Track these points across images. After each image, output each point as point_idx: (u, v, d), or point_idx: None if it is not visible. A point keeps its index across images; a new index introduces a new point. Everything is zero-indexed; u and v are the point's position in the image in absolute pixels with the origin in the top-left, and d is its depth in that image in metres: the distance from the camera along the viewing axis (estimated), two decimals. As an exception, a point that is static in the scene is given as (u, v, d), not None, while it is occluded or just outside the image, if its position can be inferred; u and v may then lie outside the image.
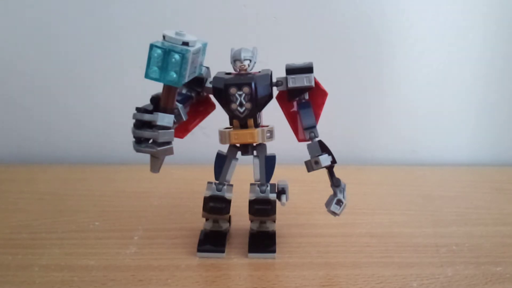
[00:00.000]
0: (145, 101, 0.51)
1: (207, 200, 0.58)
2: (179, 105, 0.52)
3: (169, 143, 0.51)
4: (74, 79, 0.92)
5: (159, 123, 0.50)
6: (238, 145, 0.58)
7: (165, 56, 0.47)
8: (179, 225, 0.67)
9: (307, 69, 0.55)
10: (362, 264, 0.57)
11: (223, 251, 0.59)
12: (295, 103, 0.57)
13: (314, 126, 0.56)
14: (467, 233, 0.65)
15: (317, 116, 0.56)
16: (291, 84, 0.55)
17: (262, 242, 0.60)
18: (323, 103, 0.56)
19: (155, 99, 0.51)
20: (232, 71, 0.56)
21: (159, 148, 0.51)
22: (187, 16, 0.87)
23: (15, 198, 0.76)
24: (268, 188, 0.58)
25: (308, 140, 0.56)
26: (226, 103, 0.54)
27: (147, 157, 0.52)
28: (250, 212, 0.59)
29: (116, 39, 0.89)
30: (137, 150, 0.51)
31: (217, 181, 0.58)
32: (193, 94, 0.56)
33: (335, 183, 0.56)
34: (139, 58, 0.57)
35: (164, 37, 0.48)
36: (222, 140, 0.57)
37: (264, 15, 0.87)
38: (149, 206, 0.73)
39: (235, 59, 0.55)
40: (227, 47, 0.56)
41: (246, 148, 0.58)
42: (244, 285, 0.53)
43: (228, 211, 0.59)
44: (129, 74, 0.89)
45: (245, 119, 0.55)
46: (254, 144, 0.57)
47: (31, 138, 0.97)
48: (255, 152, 0.58)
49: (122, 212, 0.71)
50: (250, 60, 0.55)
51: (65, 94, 0.93)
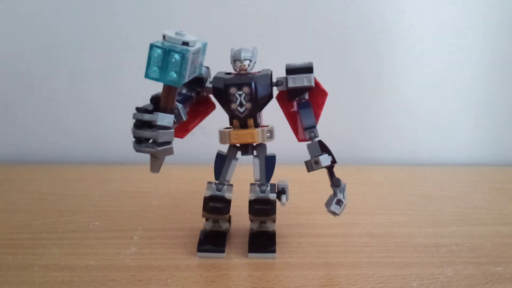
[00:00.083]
0: (145, 101, 0.51)
1: (207, 200, 0.58)
2: (179, 105, 0.52)
3: (169, 143, 0.51)
4: (74, 79, 0.92)
5: (159, 123, 0.50)
6: (238, 145, 0.58)
7: (165, 56, 0.47)
8: (179, 225, 0.67)
9: (307, 69, 0.55)
10: (362, 264, 0.57)
11: (223, 251, 0.59)
12: (295, 103, 0.57)
13: (314, 126, 0.56)
14: (467, 233, 0.65)
15: (317, 116, 0.56)
16: (291, 84, 0.55)
17: (262, 242, 0.60)
18: (323, 103, 0.56)
19: (155, 99, 0.51)
20: (232, 71, 0.56)
21: (159, 148, 0.51)
22: (187, 16, 0.87)
23: (15, 198, 0.76)
24: (268, 188, 0.58)
25: (308, 140, 0.56)
26: (226, 103, 0.54)
27: (147, 157, 0.52)
28: (250, 212, 0.59)
29: (116, 39, 0.89)
30: (137, 150, 0.51)
31: (217, 181, 0.58)
32: (193, 94, 0.56)
33: (335, 183, 0.56)
34: (139, 58, 0.57)
35: (164, 37, 0.48)
36: (222, 140, 0.57)
37: (264, 15, 0.87)
38: (149, 206, 0.73)
39: (235, 59, 0.55)
40: (227, 47, 0.56)
41: (246, 148, 0.58)
42: (244, 285, 0.53)
43: (228, 211, 0.59)
44: (129, 74, 0.89)
45: (245, 119, 0.55)
46: (254, 144, 0.57)
47: (31, 138, 0.97)
48: (255, 152, 0.58)
49: (122, 212, 0.71)
50: (250, 60, 0.55)
51: (65, 94, 0.93)
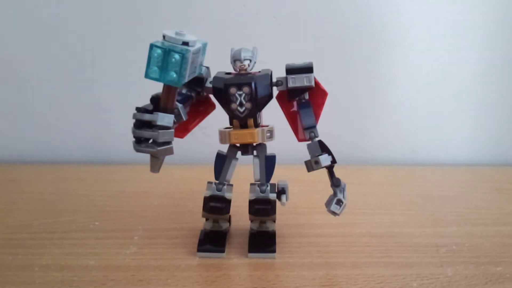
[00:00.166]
0: (145, 101, 0.51)
1: (207, 200, 0.58)
2: (179, 105, 0.52)
3: (169, 143, 0.51)
4: (74, 79, 0.92)
5: (159, 123, 0.50)
6: (238, 145, 0.58)
7: (165, 56, 0.47)
8: (179, 225, 0.67)
9: (307, 69, 0.55)
10: (362, 264, 0.57)
11: (223, 251, 0.59)
12: (295, 103, 0.57)
13: (314, 126, 0.56)
14: (467, 233, 0.65)
15: (317, 116, 0.56)
16: (291, 84, 0.55)
17: (262, 242, 0.60)
18: (323, 103, 0.56)
19: (155, 99, 0.51)
20: (232, 71, 0.56)
21: (159, 148, 0.51)
22: (187, 16, 0.87)
23: (15, 198, 0.76)
24: (268, 188, 0.58)
25: (308, 140, 0.56)
26: (226, 103, 0.54)
27: (147, 157, 0.52)
28: (250, 212, 0.59)
29: (116, 39, 0.89)
30: (137, 150, 0.51)
31: (217, 181, 0.58)
32: (193, 94, 0.56)
33: (335, 183, 0.56)
34: (139, 58, 0.57)
35: (164, 37, 0.48)
36: (222, 140, 0.57)
37: (264, 15, 0.87)
38: (149, 206, 0.73)
39: (235, 59, 0.55)
40: (227, 47, 0.56)
41: (246, 148, 0.58)
42: (244, 285, 0.53)
43: (228, 211, 0.59)
44: (129, 74, 0.89)
45: (245, 119, 0.55)
46: (254, 144, 0.57)
47: (31, 138, 0.97)
48: (255, 152, 0.58)
49: (122, 212, 0.71)
50: (250, 60, 0.55)
51: (65, 94, 0.93)
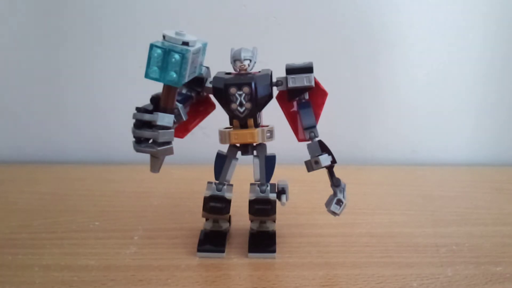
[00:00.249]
0: (145, 101, 0.51)
1: (207, 200, 0.58)
2: (179, 105, 0.52)
3: (169, 143, 0.51)
4: (74, 79, 0.92)
5: (159, 123, 0.50)
6: (238, 145, 0.58)
7: (165, 56, 0.47)
8: (179, 225, 0.67)
9: (307, 69, 0.55)
10: (362, 264, 0.57)
11: (223, 251, 0.59)
12: (295, 103, 0.57)
13: (314, 126, 0.56)
14: (467, 233, 0.65)
15: (317, 116, 0.56)
16: (291, 84, 0.55)
17: (262, 242, 0.60)
18: (323, 103, 0.56)
19: (155, 99, 0.51)
20: (232, 71, 0.56)
21: (159, 148, 0.51)
22: (187, 16, 0.87)
23: (15, 198, 0.76)
24: (268, 188, 0.58)
25: (308, 140, 0.56)
26: (226, 103, 0.54)
27: (147, 157, 0.52)
28: (250, 212, 0.59)
29: (116, 39, 0.89)
30: (137, 150, 0.51)
31: (217, 181, 0.58)
32: (193, 94, 0.56)
33: (335, 183, 0.56)
34: (139, 58, 0.57)
35: (164, 37, 0.48)
36: (222, 140, 0.57)
37: (264, 15, 0.87)
38: (149, 206, 0.73)
39: (235, 59, 0.55)
40: (227, 47, 0.56)
41: (246, 148, 0.58)
42: (244, 285, 0.53)
43: (228, 211, 0.59)
44: (129, 74, 0.89)
45: (245, 119, 0.55)
46: (254, 144, 0.57)
47: (31, 138, 0.97)
48: (255, 152, 0.58)
49: (122, 212, 0.71)
50: (250, 60, 0.55)
51: (65, 94, 0.93)
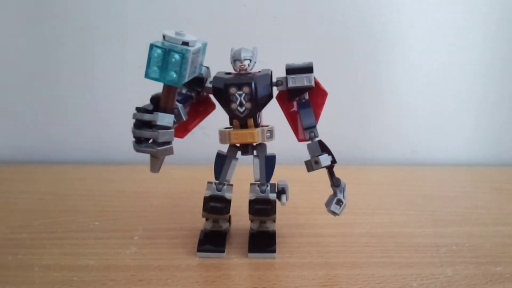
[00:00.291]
0: (145, 101, 0.51)
1: (207, 200, 0.58)
2: (179, 105, 0.52)
3: (169, 143, 0.51)
4: (74, 78, 0.92)
5: (159, 123, 0.50)
6: (238, 145, 0.58)
7: (165, 56, 0.47)
8: (179, 225, 0.67)
9: (307, 69, 0.55)
10: (362, 264, 0.57)
11: (223, 251, 0.59)
12: (295, 103, 0.57)
13: (314, 126, 0.56)
14: (467, 233, 0.65)
15: (317, 116, 0.56)
16: (291, 84, 0.55)
17: (262, 242, 0.60)
18: (323, 103, 0.56)
19: (155, 99, 0.51)
20: (232, 71, 0.56)
21: (159, 148, 0.51)
22: (187, 16, 0.87)
23: (15, 198, 0.76)
24: (268, 188, 0.58)
25: (308, 140, 0.56)
26: (226, 103, 0.54)
27: (147, 157, 0.52)
28: (250, 212, 0.59)
29: (116, 39, 0.89)
30: (137, 150, 0.51)
31: (217, 181, 0.58)
32: (193, 94, 0.56)
33: (335, 183, 0.56)
34: (139, 57, 0.57)
35: (164, 37, 0.48)
36: (222, 140, 0.57)
37: (264, 15, 0.87)
38: (149, 206, 0.73)
39: (235, 59, 0.55)
40: (227, 47, 0.56)
41: (246, 148, 0.58)
42: (244, 285, 0.53)
43: (228, 211, 0.59)
44: (129, 74, 0.89)
45: (245, 119, 0.55)
46: (254, 144, 0.57)
47: (31, 138, 0.97)
48: (255, 152, 0.58)
49: (122, 212, 0.71)
50: (250, 60, 0.55)
51: (65, 94, 0.93)
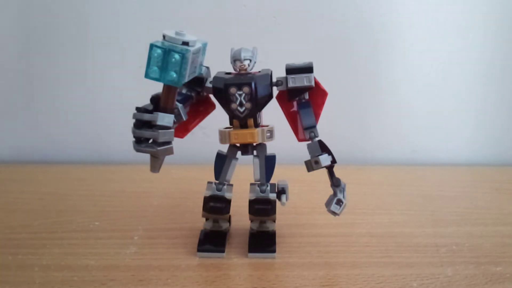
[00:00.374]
0: (145, 101, 0.51)
1: (207, 200, 0.58)
2: (179, 105, 0.52)
3: (169, 143, 0.51)
4: (74, 78, 0.92)
5: (159, 123, 0.50)
6: (238, 145, 0.58)
7: (165, 56, 0.47)
8: (179, 225, 0.67)
9: (307, 69, 0.55)
10: (362, 264, 0.57)
11: (223, 251, 0.59)
12: (295, 103, 0.57)
13: (314, 126, 0.56)
14: (467, 233, 0.65)
15: (317, 116, 0.56)
16: (291, 84, 0.55)
17: (262, 242, 0.60)
18: (323, 103, 0.56)
19: (155, 99, 0.51)
20: (232, 71, 0.56)
21: (159, 148, 0.51)
22: (187, 16, 0.87)
23: (15, 198, 0.76)
24: (268, 188, 0.58)
25: (308, 140, 0.56)
26: (226, 103, 0.54)
27: (147, 157, 0.52)
28: (250, 212, 0.59)
29: (116, 39, 0.89)
30: (137, 150, 0.51)
31: (217, 181, 0.58)
32: (193, 94, 0.56)
33: (335, 183, 0.56)
34: (139, 57, 0.57)
35: (164, 37, 0.48)
36: (222, 140, 0.57)
37: (264, 15, 0.87)
38: (149, 206, 0.73)
39: (235, 59, 0.55)
40: (227, 47, 0.56)
41: (246, 148, 0.58)
42: (244, 285, 0.53)
43: (228, 211, 0.59)
44: (129, 74, 0.89)
45: (245, 119, 0.55)
46: (254, 144, 0.57)
47: (31, 138, 0.97)
48: (255, 152, 0.58)
49: (122, 212, 0.71)
50: (250, 60, 0.55)
51: (65, 94, 0.93)
